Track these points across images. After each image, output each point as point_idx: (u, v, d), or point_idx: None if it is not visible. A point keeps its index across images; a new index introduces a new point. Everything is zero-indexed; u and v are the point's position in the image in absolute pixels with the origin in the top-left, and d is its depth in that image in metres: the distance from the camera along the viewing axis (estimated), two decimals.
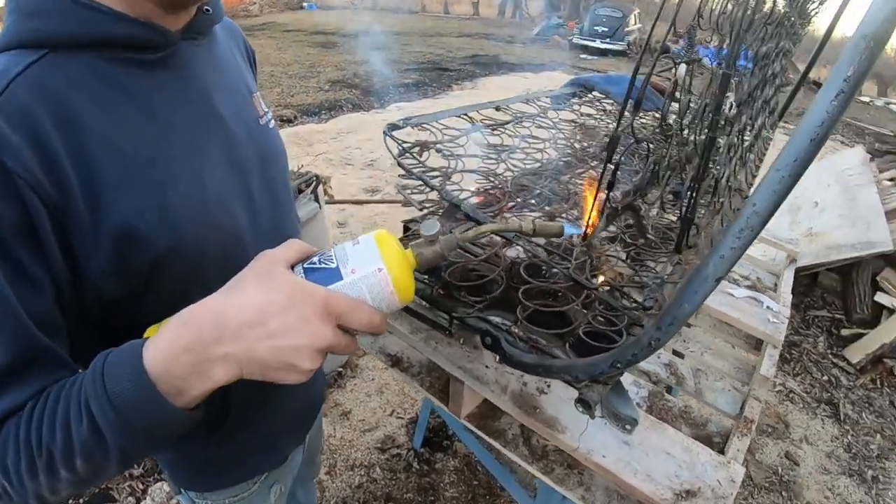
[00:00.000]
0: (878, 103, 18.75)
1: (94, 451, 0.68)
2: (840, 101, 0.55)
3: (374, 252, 0.73)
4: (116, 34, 0.78)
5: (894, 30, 0.53)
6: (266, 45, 15.30)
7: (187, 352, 0.66)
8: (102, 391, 0.66)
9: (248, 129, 1.01)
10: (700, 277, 0.69)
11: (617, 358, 0.82)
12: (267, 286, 0.68)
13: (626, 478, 1.18)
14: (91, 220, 0.75)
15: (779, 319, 1.90)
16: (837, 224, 4.82)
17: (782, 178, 0.60)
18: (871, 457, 3.50)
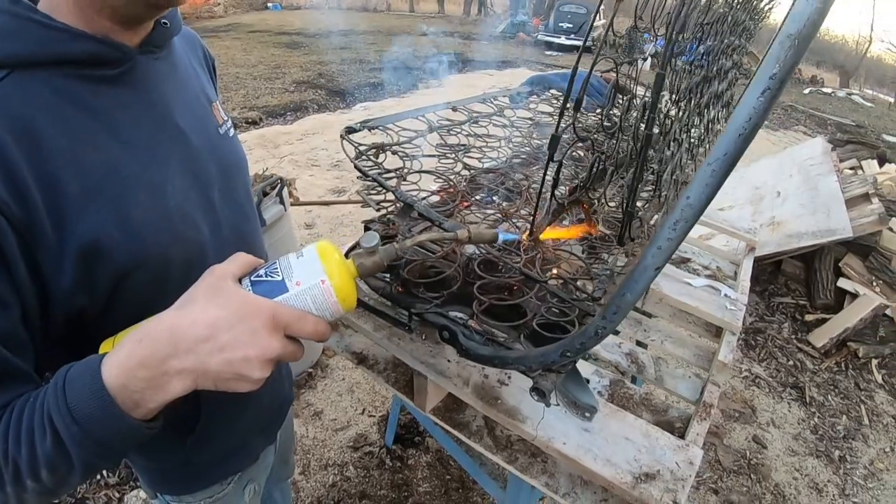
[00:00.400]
0: (841, 94, 19.14)
1: (58, 463, 0.69)
2: (766, 97, 0.58)
3: (317, 264, 0.77)
4: (74, 52, 0.79)
5: (817, 29, 0.56)
6: (231, 46, 15.16)
7: (143, 367, 0.68)
8: (64, 406, 0.68)
9: (208, 141, 1.03)
10: (640, 268, 0.73)
11: (566, 347, 0.85)
12: (216, 301, 0.71)
13: (586, 463, 1.22)
14: (56, 236, 0.76)
15: (736, 307, 1.95)
16: (799, 213, 4.92)
17: (713, 172, 0.64)
18: (838, 437, 3.59)
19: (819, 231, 4.51)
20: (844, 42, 32.33)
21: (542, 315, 1.02)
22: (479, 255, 1.16)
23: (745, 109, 0.59)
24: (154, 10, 0.86)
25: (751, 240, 2.57)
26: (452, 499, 2.81)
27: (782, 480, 3.20)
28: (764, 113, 0.59)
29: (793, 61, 0.56)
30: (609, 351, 1.71)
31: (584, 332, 0.82)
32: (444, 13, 30.55)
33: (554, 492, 1.32)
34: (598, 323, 0.80)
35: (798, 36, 0.55)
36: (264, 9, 26.64)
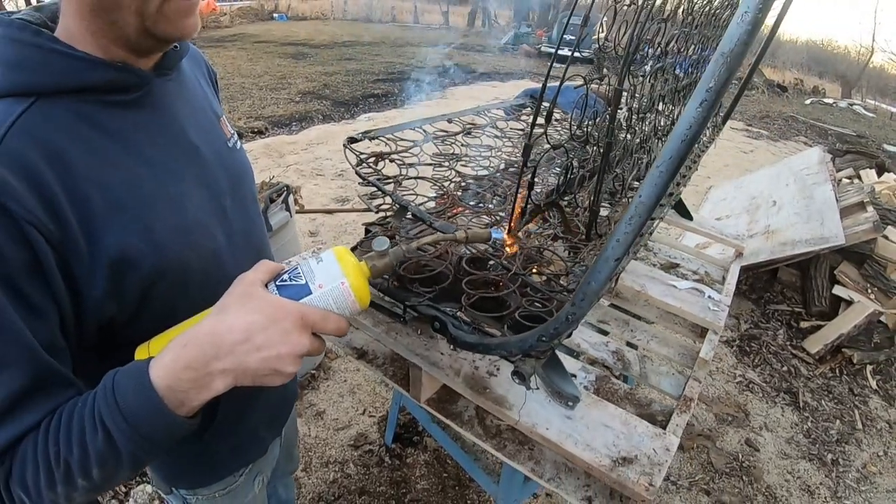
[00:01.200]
0: (842, 104, 19.12)
1: (108, 459, 0.77)
2: (704, 107, 0.68)
3: (336, 267, 0.87)
4: (95, 80, 0.85)
5: (748, 48, 0.66)
6: (237, 56, 15.25)
7: (189, 369, 0.77)
8: (115, 406, 0.76)
9: (218, 154, 1.11)
10: (602, 259, 0.83)
11: (542, 333, 0.95)
12: (249, 307, 0.80)
13: (567, 448, 1.31)
14: (88, 249, 0.82)
15: (719, 308, 2.04)
16: (793, 221, 4.97)
17: (661, 173, 0.74)
18: (831, 441, 3.63)
19: (812, 239, 4.55)
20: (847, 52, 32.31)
21: (524, 308, 1.12)
22: (468, 253, 1.26)
23: (687, 118, 0.69)
24: (164, 44, 0.94)
25: (738, 245, 2.66)
26: (449, 496, 2.88)
27: (774, 482, 3.25)
28: (703, 121, 0.69)
29: (726, 76, 0.66)
30: (596, 349, 1.80)
31: (557, 318, 0.92)
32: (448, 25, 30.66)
33: (539, 477, 1.40)
34: (568, 309, 0.89)
35: (730, 54, 0.65)
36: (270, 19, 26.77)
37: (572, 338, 1.80)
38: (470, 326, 1.12)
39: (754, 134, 12.50)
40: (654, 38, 1.04)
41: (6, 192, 0.74)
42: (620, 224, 0.78)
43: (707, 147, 2.36)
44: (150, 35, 0.86)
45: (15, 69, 0.82)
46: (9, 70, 0.82)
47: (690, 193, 7.12)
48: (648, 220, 1.48)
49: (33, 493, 0.77)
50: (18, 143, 0.77)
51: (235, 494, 1.39)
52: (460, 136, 1.69)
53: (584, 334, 1.85)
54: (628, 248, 0.80)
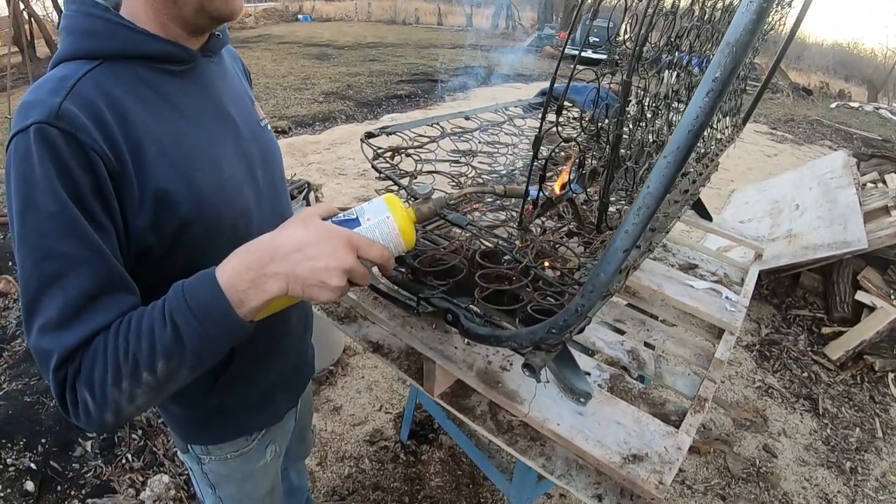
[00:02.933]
0: (868, 108, 18.84)
1: (174, 353, 0.87)
2: (710, 97, 0.68)
3: (383, 206, 0.98)
4: (154, 51, 1.01)
5: (754, 37, 0.66)
6: (262, 57, 15.42)
7: (249, 270, 0.88)
8: (184, 303, 0.86)
9: (251, 129, 1.25)
10: (611, 250, 0.83)
11: (552, 325, 0.95)
12: (305, 226, 0.91)
13: (578, 443, 1.31)
14: (138, 185, 0.95)
15: (736, 308, 2.03)
16: (816, 225, 4.91)
17: (668, 164, 0.74)
18: (850, 449, 3.56)
19: (835, 243, 4.49)
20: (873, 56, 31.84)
21: (536, 301, 1.12)
22: (482, 247, 1.26)
23: (693, 109, 0.70)
24: (216, 23, 1.08)
25: (757, 247, 2.64)
26: (463, 493, 2.88)
27: (791, 489, 3.20)
28: (710, 111, 0.69)
29: (732, 66, 0.66)
30: (612, 348, 1.80)
31: (567, 310, 0.92)
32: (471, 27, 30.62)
33: (550, 473, 1.41)
34: (577, 301, 0.90)
35: (736, 44, 0.65)
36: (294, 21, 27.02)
37: (587, 336, 1.81)
38: (482, 319, 1.12)
39: (778, 137, 12.35)
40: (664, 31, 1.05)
41: (77, 125, 0.87)
42: (629, 215, 0.79)
43: (727, 146, 2.34)
44: (204, 12, 1.01)
45: (87, 36, 0.97)
46: (82, 37, 0.97)
47: (713, 196, 7.06)
48: (663, 216, 1.49)
49: (97, 393, 0.87)
50: (88, 90, 0.91)
51: (247, 458, 1.46)
52: (477, 132, 1.70)
53: (599, 333, 1.85)
54: (637, 239, 0.80)
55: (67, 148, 0.86)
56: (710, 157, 2.04)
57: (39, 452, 2.75)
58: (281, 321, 1.32)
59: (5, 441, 2.76)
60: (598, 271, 0.85)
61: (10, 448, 2.74)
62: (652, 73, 1.07)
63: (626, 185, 1.22)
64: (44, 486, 2.65)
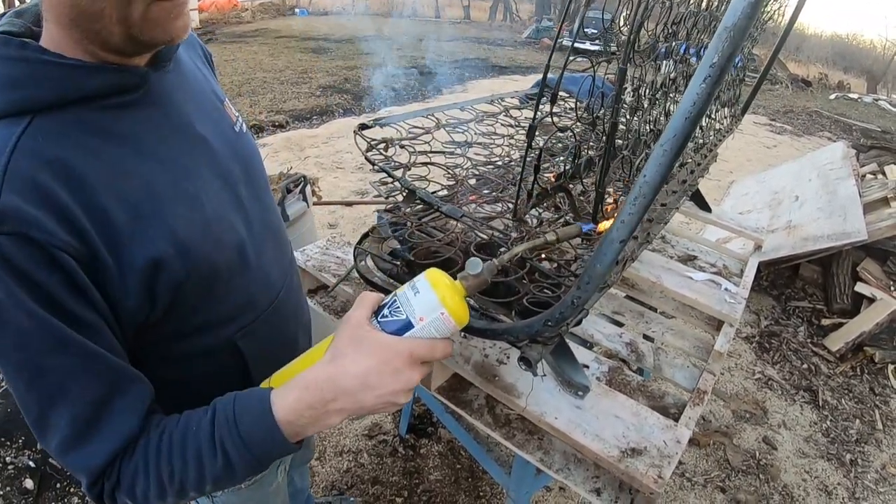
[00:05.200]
0: (867, 99, 18.85)
1: (224, 478, 0.86)
2: (708, 83, 0.66)
3: (434, 297, 0.88)
4: (94, 87, 0.81)
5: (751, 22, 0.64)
6: (258, 51, 15.34)
7: (311, 409, 0.85)
8: (237, 436, 0.84)
9: (227, 142, 1.07)
10: (607, 241, 0.81)
11: (548, 317, 0.94)
12: (362, 351, 0.86)
13: (576, 437, 1.30)
14: (115, 263, 0.82)
15: (735, 300, 2.01)
16: (815, 216, 4.91)
17: (665, 152, 0.72)
18: (850, 441, 3.56)
19: (834, 234, 4.49)
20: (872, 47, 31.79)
21: (532, 294, 1.11)
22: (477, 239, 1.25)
23: (690, 95, 0.68)
24: (154, 48, 0.88)
25: (757, 238, 2.62)
26: (462, 487, 2.87)
27: (791, 482, 3.20)
28: (707, 97, 0.67)
29: (730, 51, 0.64)
30: (610, 340, 1.78)
31: (563, 302, 0.91)
32: (469, 19, 30.58)
33: (548, 467, 1.39)
34: (574, 293, 0.88)
35: (733, 28, 0.63)
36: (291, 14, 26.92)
37: (586, 329, 1.79)
38: (478, 312, 1.11)
39: (777, 129, 12.35)
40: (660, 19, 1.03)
41: (25, 221, 0.72)
42: (625, 205, 0.77)
43: (725, 137, 2.33)
44: (136, 41, 0.80)
45: (6, 88, 0.78)
46: (1, 89, 0.78)
47: (712, 188, 7.04)
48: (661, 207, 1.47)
49: (140, 501, 0.85)
50: (25, 167, 0.74)
51: (260, 484, 1.42)
52: (472, 123, 1.68)
53: (598, 325, 1.84)
54: (634, 229, 0.79)
55: (21, 252, 0.72)
56: (709, 147, 2.03)
57: (38, 450, 2.73)
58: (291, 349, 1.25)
59: (4, 439, 2.75)
60: (594, 262, 0.83)
61: (10, 446, 2.73)
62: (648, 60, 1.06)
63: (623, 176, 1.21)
64: (43, 484, 2.64)
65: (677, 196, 1.61)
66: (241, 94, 10.52)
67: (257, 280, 1.10)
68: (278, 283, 1.19)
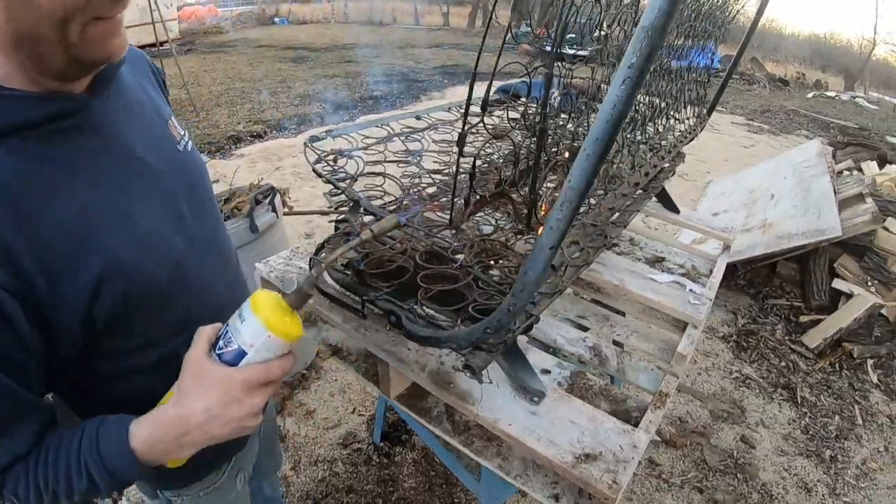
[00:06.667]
0: (845, 97, 19.03)
1: (90, 492, 0.92)
2: (627, 85, 0.66)
3: (257, 323, 0.92)
4: (31, 117, 0.82)
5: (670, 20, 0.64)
6: (238, 61, 15.29)
7: (162, 443, 0.92)
8: (99, 461, 0.90)
9: (169, 161, 1.08)
10: (537, 248, 0.81)
11: (487, 325, 0.93)
12: (203, 387, 0.92)
13: (529, 444, 1.28)
14: (53, 290, 0.83)
15: (700, 301, 2.01)
16: (790, 214, 4.93)
17: (588, 156, 0.72)
18: (830, 437, 3.58)
19: (809, 231, 4.51)
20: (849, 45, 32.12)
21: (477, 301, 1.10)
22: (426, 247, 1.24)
23: (610, 98, 0.67)
24: (94, 68, 0.89)
25: (725, 238, 2.62)
26: (436, 494, 2.87)
27: (770, 480, 3.21)
28: (627, 100, 0.67)
29: (648, 50, 0.64)
30: (573, 345, 1.78)
31: (500, 310, 0.90)
32: (448, 26, 30.57)
33: (507, 473, 1.39)
34: (509, 301, 0.88)
35: (651, 27, 0.63)
36: (271, 24, 26.85)
37: (548, 333, 1.78)
38: (424, 320, 1.10)
39: (755, 128, 12.43)
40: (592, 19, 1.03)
41: None
42: (553, 212, 0.77)
43: (690, 137, 2.33)
44: (77, 62, 0.82)
45: None
46: None
47: (689, 188, 7.07)
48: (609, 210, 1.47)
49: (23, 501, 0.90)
50: None
51: (220, 492, 1.42)
52: (426, 132, 1.68)
53: (561, 330, 1.83)
54: (563, 235, 0.78)
55: None
56: (669, 148, 2.03)
57: None
58: None
59: None
60: (526, 269, 0.83)
61: None
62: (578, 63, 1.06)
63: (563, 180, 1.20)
64: None
65: (634, 199, 1.61)
66: (220, 105, 10.48)
67: (200, 294, 1.12)
68: (224, 296, 1.21)
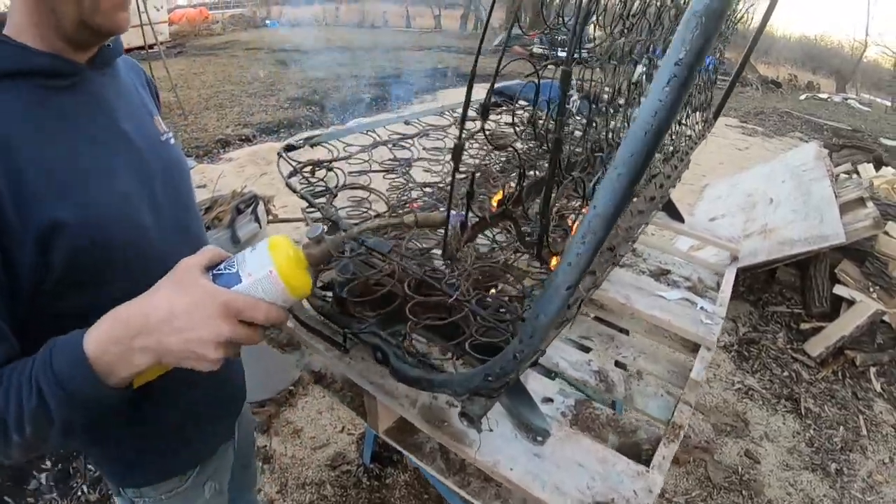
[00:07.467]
0: (837, 99, 19.13)
1: (40, 418, 0.83)
2: (673, 86, 0.51)
3: (266, 256, 0.85)
4: (34, 65, 0.94)
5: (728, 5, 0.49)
6: (228, 63, 15.22)
7: (115, 343, 0.82)
8: (50, 370, 0.82)
9: (149, 143, 1.17)
10: (552, 288, 0.67)
11: (487, 371, 0.79)
12: (178, 290, 0.84)
13: (534, 491, 1.14)
14: (18, 219, 0.88)
15: (712, 320, 1.89)
16: (791, 219, 4.84)
17: (620, 176, 0.57)
18: (835, 449, 3.49)
19: (811, 237, 4.42)
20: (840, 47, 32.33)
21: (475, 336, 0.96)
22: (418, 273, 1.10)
23: (651, 104, 0.53)
24: (99, 38, 1.03)
25: (733, 248, 2.51)
26: None
27: (776, 496, 3.11)
28: (672, 105, 0.52)
29: (702, 42, 0.49)
30: (577, 369, 1.65)
31: (503, 355, 0.77)
32: (440, 28, 30.56)
33: None
34: (515, 347, 0.74)
35: (706, 12, 0.49)
36: (263, 26, 26.78)
37: (550, 356, 1.65)
38: (415, 359, 0.96)
39: (749, 130, 12.42)
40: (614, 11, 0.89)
41: None
42: (572, 244, 0.63)
43: (697, 143, 2.21)
44: (86, 27, 0.95)
45: None
46: None
47: (686, 192, 6.98)
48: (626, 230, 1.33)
49: None
50: None
51: (184, 498, 1.39)
52: (417, 139, 1.53)
53: (563, 352, 1.70)
54: (583, 272, 0.64)
55: None
56: (681, 155, 1.90)
57: None
58: None
59: None
60: (537, 312, 0.69)
61: None
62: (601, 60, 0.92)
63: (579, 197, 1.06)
64: None
65: (646, 214, 1.48)
66: (209, 108, 10.40)
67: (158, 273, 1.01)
68: None
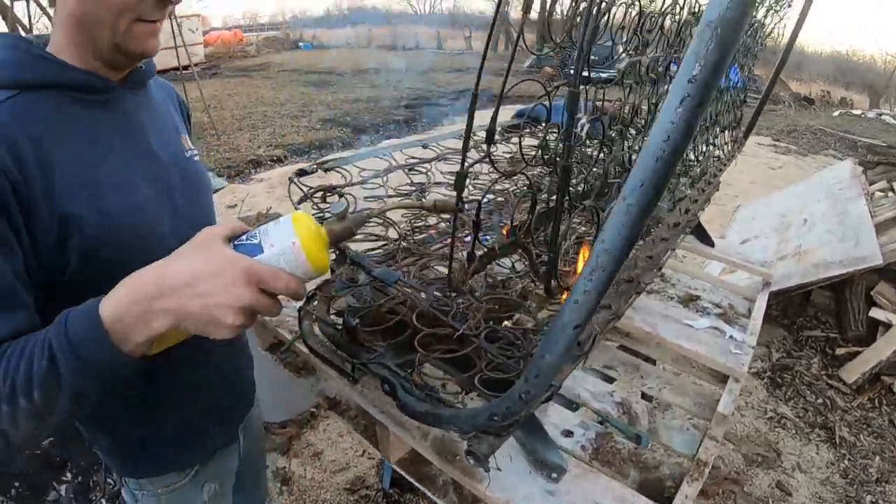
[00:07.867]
0: (871, 115, 18.79)
1: (50, 382, 0.83)
2: (686, 107, 0.47)
3: (290, 229, 0.88)
4: (69, 79, 1.02)
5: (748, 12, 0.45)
6: (261, 85, 15.49)
7: (135, 304, 0.82)
8: (63, 334, 0.82)
9: (174, 157, 1.23)
10: (558, 327, 0.63)
11: (493, 410, 0.76)
12: (201, 255, 0.85)
13: None
14: (45, 205, 0.94)
15: (742, 350, 1.82)
16: (826, 240, 4.72)
17: (629, 208, 0.53)
18: (870, 481, 3.37)
19: (847, 259, 4.29)
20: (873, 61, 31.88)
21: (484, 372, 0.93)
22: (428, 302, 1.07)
23: (662, 127, 0.48)
24: (131, 60, 1.10)
25: (765, 273, 2.43)
26: None
27: None
28: (687, 128, 0.48)
29: (718, 56, 0.45)
30: (599, 400, 1.60)
31: (508, 395, 0.73)
32: (471, 50, 30.77)
33: None
34: (521, 387, 0.70)
35: (721, 22, 0.44)
36: (296, 48, 27.20)
37: (571, 387, 1.60)
38: (423, 392, 0.93)
39: (782, 149, 12.24)
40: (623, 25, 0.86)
41: None
42: (579, 281, 0.59)
43: (727, 164, 2.15)
44: (119, 50, 1.02)
45: (6, 67, 0.99)
46: (2, 68, 0.99)
47: (717, 214, 6.87)
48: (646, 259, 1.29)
49: None
50: (3, 117, 0.93)
51: (182, 496, 1.41)
52: (434, 163, 1.51)
53: (585, 382, 1.65)
54: (592, 311, 0.61)
55: None
56: (708, 178, 1.84)
57: (12, 496, 2.70)
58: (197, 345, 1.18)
59: None
60: (543, 351, 0.65)
61: None
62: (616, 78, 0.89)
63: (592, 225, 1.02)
64: None
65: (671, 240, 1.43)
66: (241, 129, 10.55)
67: None
68: None
